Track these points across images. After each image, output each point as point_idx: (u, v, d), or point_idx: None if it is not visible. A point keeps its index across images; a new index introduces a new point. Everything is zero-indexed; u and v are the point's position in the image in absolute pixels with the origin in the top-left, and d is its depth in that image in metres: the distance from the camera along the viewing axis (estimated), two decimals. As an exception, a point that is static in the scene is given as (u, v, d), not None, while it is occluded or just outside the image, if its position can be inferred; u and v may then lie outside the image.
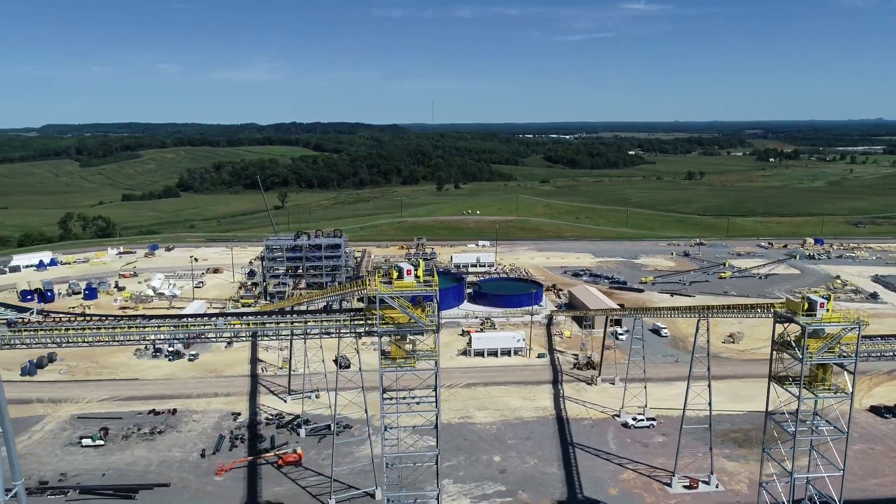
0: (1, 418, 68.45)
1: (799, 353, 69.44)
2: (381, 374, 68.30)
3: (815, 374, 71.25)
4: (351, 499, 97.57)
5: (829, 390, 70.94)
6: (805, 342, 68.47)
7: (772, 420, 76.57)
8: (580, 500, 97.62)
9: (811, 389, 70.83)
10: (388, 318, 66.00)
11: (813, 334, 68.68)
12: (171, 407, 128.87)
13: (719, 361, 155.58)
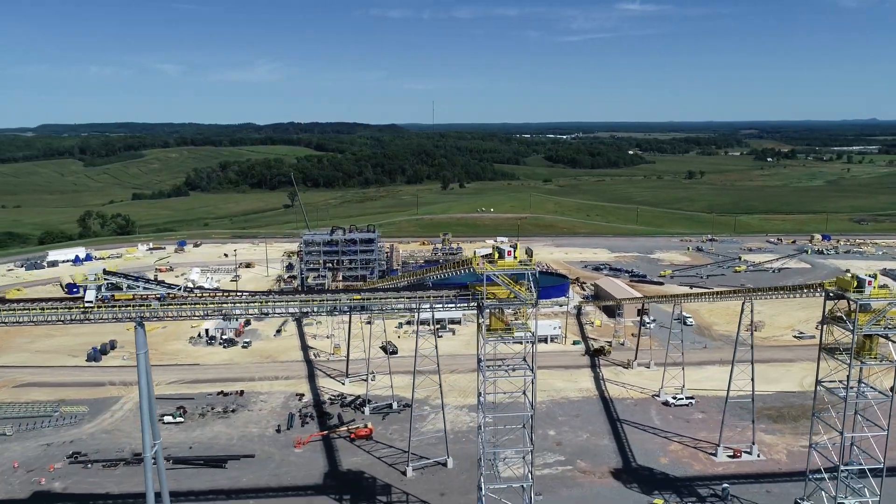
0: (143, 387, 76.53)
1: (850, 325, 78.26)
2: (484, 344, 76.98)
3: (862, 344, 80.00)
4: (425, 467, 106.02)
5: (874, 359, 79.73)
6: (855, 316, 77.26)
7: (822, 387, 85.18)
8: (634, 468, 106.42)
9: (859, 358, 79.61)
10: (490, 293, 74.69)
11: (862, 308, 77.46)
12: (237, 389, 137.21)
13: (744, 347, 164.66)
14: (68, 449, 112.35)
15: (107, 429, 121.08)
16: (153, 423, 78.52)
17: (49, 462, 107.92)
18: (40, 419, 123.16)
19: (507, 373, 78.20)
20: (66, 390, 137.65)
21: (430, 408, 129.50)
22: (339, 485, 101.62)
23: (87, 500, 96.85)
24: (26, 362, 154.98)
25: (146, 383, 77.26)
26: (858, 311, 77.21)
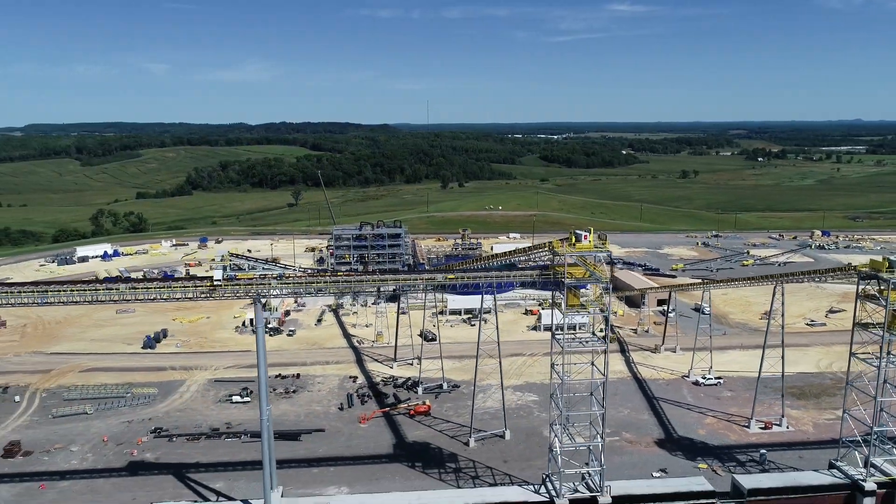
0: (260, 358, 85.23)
1: (882, 302, 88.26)
2: (564, 318, 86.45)
3: (893, 318, 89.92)
4: (485, 438, 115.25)
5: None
6: (888, 293, 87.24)
7: (855, 358, 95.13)
8: (676, 438, 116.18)
9: (891, 331, 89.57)
10: (568, 273, 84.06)
11: (894, 287, 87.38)
12: (294, 372, 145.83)
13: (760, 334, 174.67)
14: (149, 425, 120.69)
15: (179, 408, 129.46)
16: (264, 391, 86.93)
17: (133, 437, 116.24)
18: (115, 399, 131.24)
19: (582, 344, 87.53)
20: (131, 374, 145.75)
21: (478, 388, 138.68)
22: (408, 454, 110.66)
23: (179, 469, 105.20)
24: (84, 350, 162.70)
25: (263, 355, 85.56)
26: (890, 289, 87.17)
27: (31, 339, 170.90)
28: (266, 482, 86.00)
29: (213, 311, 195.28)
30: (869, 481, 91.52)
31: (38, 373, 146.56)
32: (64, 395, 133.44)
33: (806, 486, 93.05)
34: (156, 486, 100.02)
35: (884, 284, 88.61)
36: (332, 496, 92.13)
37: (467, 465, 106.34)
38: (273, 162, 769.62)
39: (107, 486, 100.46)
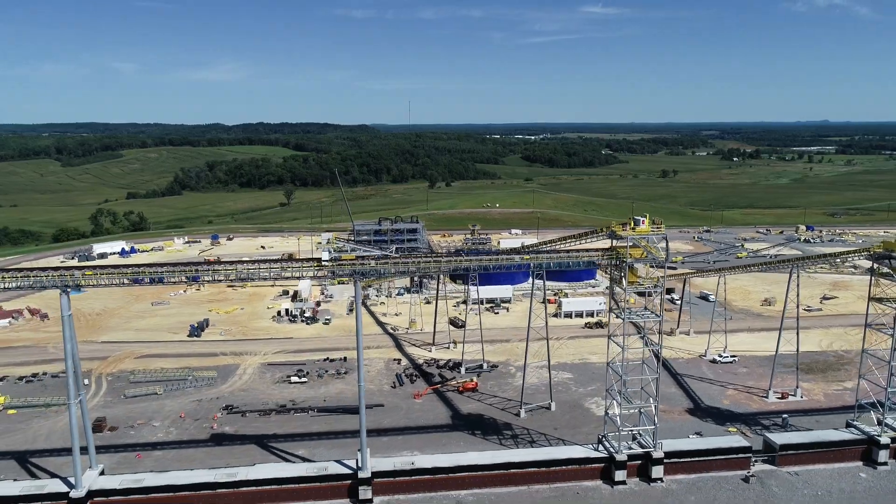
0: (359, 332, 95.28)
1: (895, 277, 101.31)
2: (626, 293, 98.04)
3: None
4: (533, 410, 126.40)
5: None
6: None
7: (870, 328, 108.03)
8: (704, 408, 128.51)
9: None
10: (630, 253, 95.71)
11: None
12: (340, 356, 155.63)
13: (763, 319, 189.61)
14: (219, 403, 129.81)
15: (242, 388, 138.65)
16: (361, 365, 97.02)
17: (208, 413, 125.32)
18: (179, 382, 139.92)
19: (638, 316, 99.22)
20: (186, 360, 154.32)
21: (514, 368, 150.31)
22: (466, 424, 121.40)
23: (260, 440, 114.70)
24: (133, 339, 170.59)
25: (360, 329, 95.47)
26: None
27: (78, 330, 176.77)
28: (363, 441, 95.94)
29: (246, 302, 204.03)
30: (884, 436, 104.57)
31: (97, 359, 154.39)
32: (130, 378, 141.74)
33: (829, 442, 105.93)
34: (242, 454, 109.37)
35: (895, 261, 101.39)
36: (414, 456, 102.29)
37: (522, 432, 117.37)
38: (261, 162, 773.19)
39: (198, 454, 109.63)
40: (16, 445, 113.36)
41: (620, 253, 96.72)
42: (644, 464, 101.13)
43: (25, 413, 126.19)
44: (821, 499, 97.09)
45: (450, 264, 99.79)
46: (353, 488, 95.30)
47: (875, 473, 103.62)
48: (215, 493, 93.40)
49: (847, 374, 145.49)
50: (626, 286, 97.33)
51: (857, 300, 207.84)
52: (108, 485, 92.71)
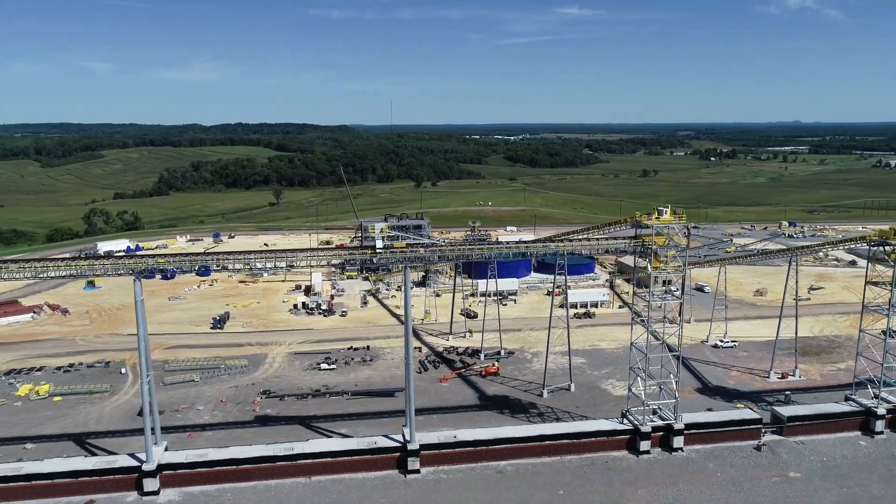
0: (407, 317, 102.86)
1: (891, 262, 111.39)
2: (651, 276, 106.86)
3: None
4: (554, 391, 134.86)
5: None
6: (895, 256, 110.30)
7: (867, 309, 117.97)
8: (711, 387, 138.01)
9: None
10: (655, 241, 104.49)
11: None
12: (363, 345, 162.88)
13: (756, 308, 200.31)
14: (255, 389, 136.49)
15: (274, 375, 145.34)
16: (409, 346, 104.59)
17: (247, 398, 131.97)
18: (212, 370, 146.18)
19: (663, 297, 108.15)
20: (214, 350, 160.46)
21: (530, 354, 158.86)
22: (493, 404, 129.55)
23: (302, 420, 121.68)
24: (157, 331, 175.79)
25: (409, 314, 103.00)
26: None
27: (101, 324, 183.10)
28: (411, 416, 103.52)
29: (261, 297, 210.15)
30: (880, 408, 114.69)
31: (127, 350, 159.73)
32: (165, 367, 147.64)
33: (831, 414, 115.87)
34: (288, 432, 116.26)
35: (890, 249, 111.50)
36: (456, 430, 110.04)
37: (547, 411, 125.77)
38: (246, 162, 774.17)
39: (246, 433, 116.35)
40: (69, 429, 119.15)
41: (646, 240, 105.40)
42: (666, 435, 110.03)
43: (70, 400, 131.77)
44: (826, 464, 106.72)
45: (490, 251, 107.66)
46: (402, 460, 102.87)
47: (873, 441, 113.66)
48: (275, 466, 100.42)
49: (839, 357, 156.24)
50: (652, 271, 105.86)
51: (841, 290, 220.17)
52: (174, 459, 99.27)
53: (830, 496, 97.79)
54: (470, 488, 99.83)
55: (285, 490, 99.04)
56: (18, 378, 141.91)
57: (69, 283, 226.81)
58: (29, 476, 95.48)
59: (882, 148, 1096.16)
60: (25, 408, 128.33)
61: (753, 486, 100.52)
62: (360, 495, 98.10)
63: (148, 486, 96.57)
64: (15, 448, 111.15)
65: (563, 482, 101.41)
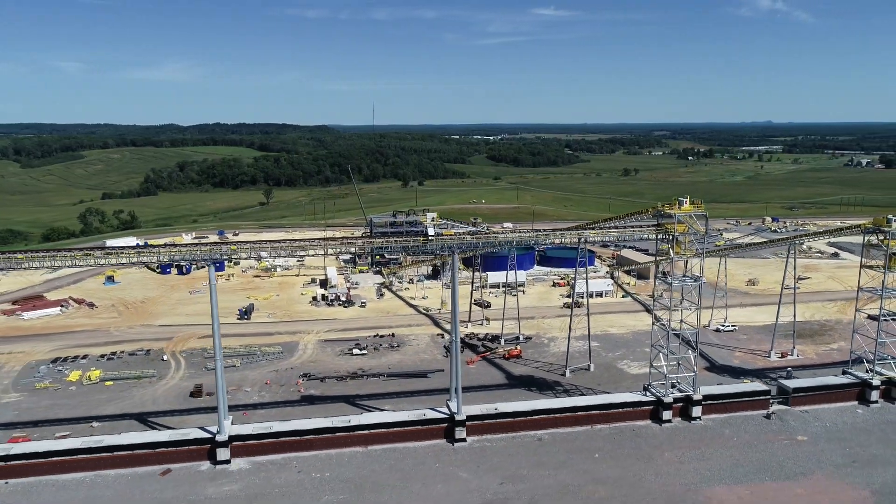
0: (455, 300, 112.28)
1: (883, 248, 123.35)
2: (672, 260, 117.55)
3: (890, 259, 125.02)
4: (575, 370, 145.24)
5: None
6: (888, 242, 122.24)
7: (863, 291, 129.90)
8: (719, 366, 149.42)
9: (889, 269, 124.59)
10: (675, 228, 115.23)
11: (891, 236, 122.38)
12: (389, 332, 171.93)
13: (750, 296, 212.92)
14: (295, 372, 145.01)
15: (310, 360, 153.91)
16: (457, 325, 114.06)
17: (289, 380, 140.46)
18: (250, 356, 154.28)
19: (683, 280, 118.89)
20: (245, 339, 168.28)
21: (547, 339, 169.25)
22: (520, 382, 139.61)
23: (346, 399, 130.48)
24: (186, 322, 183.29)
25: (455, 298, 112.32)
26: (891, 238, 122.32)
27: (130, 316, 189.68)
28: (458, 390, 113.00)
29: (278, 290, 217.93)
30: (875, 379, 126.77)
31: (162, 339, 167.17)
32: (204, 354, 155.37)
33: (832, 385, 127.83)
34: (336, 409, 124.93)
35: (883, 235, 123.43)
36: (496, 403, 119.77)
37: (571, 387, 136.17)
38: (233, 162, 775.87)
39: (295, 411, 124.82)
40: (128, 409, 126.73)
41: (668, 228, 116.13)
42: (685, 406, 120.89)
43: (121, 384, 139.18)
44: (829, 429, 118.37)
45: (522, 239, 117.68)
46: (450, 430, 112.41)
47: (869, 410, 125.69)
48: (334, 437, 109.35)
49: (831, 338, 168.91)
50: (674, 256, 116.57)
51: (826, 280, 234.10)
52: (243, 431, 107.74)
53: (835, 455, 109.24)
54: (513, 454, 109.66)
55: (345, 458, 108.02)
56: (66, 365, 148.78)
57: (88, 279, 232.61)
58: (111, 447, 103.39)
59: (852, 147, 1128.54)
60: (80, 391, 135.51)
61: (766, 447, 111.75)
62: (414, 461, 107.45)
63: (220, 456, 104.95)
64: (82, 427, 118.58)
65: (597, 447, 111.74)
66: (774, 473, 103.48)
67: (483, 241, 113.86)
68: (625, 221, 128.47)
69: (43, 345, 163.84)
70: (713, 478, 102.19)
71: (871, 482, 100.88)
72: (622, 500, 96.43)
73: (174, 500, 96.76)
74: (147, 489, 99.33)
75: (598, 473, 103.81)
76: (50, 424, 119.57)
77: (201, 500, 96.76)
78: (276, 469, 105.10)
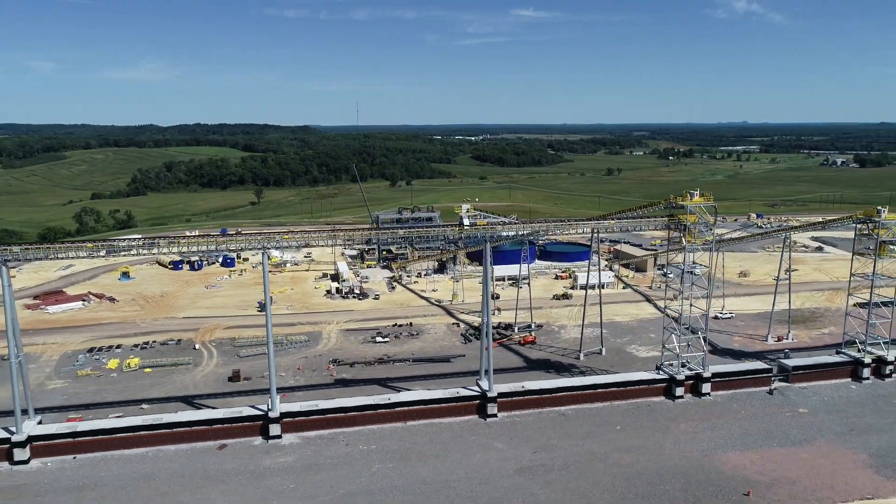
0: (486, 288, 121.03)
1: (874, 237, 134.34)
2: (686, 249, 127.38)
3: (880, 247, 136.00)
4: (588, 353, 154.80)
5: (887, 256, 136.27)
6: (878, 231, 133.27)
7: (855, 276, 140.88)
8: (720, 349, 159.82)
9: (879, 256, 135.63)
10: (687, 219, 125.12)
11: (881, 226, 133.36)
12: (407, 321, 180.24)
13: (742, 286, 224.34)
14: (324, 358, 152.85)
15: (335, 347, 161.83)
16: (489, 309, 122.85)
17: (318, 366, 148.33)
18: (277, 344, 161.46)
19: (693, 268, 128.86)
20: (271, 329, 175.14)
21: (557, 327, 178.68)
22: (538, 365, 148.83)
23: (379, 381, 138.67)
24: (209, 314, 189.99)
25: (487, 286, 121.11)
26: (881, 227, 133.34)
27: (152, 309, 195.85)
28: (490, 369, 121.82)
29: (291, 284, 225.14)
30: (867, 358, 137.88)
31: (189, 330, 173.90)
32: (234, 342, 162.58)
33: (828, 364, 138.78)
34: (369, 391, 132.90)
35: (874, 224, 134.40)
36: (522, 382, 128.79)
37: (586, 369, 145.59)
38: (220, 163, 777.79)
39: (332, 392, 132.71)
40: (172, 392, 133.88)
41: (681, 217, 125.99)
42: (695, 383, 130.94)
43: (159, 371, 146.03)
44: (827, 402, 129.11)
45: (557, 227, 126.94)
46: (481, 406, 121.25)
47: (861, 385, 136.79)
48: (376, 413, 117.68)
49: (822, 324, 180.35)
50: (686, 244, 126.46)
51: (812, 271, 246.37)
52: (291, 408, 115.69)
53: (834, 425, 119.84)
54: (542, 427, 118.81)
55: (387, 433, 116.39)
56: (101, 354, 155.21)
57: (102, 275, 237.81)
58: (170, 424, 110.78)
59: (827, 147, 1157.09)
60: (122, 378, 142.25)
61: (771, 418, 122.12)
62: (452, 434, 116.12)
63: (273, 431, 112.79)
64: (132, 408, 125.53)
65: (617, 421, 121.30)
66: (780, 440, 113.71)
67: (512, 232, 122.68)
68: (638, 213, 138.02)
69: (74, 336, 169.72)
70: (726, 445, 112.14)
71: (868, 447, 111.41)
72: (645, 465, 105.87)
73: (234, 470, 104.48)
74: (207, 462, 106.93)
75: (621, 443, 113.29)
76: (101, 407, 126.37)
77: (260, 470, 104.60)
78: (325, 443, 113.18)
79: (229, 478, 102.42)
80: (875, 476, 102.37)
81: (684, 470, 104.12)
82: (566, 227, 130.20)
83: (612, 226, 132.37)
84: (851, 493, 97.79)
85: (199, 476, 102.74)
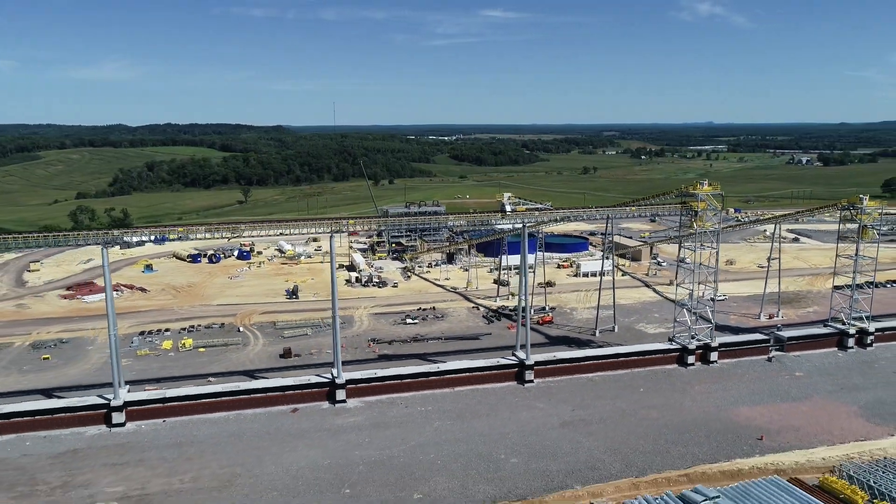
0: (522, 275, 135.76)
1: (857, 221, 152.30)
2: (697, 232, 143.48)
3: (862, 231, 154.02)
4: (603, 330, 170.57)
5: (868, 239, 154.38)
6: (860, 216, 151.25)
7: (840, 257, 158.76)
8: (719, 327, 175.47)
9: (861, 240, 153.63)
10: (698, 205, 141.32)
11: (863, 212, 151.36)
12: (430, 306, 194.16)
13: (730, 273, 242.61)
14: (361, 338, 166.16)
15: (369, 329, 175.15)
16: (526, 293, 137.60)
17: (359, 344, 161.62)
18: (314, 327, 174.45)
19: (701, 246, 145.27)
20: (303, 314, 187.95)
21: (568, 309, 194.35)
22: (558, 341, 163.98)
23: (418, 355, 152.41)
24: (241, 301, 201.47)
25: (524, 269, 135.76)
26: (862, 213, 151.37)
27: (185, 298, 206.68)
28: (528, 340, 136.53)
29: (309, 275, 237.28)
30: (851, 329, 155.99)
31: (227, 316, 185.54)
32: (275, 325, 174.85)
33: (818, 335, 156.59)
34: (412, 363, 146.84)
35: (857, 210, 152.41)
36: (553, 353, 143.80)
37: (604, 343, 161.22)
38: (202, 162, 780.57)
39: (378, 366, 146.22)
40: (232, 368, 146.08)
41: (692, 204, 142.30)
42: (704, 352, 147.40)
43: (212, 350, 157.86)
44: (818, 367, 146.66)
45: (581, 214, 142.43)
46: (520, 373, 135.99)
47: (847, 354, 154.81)
48: (428, 380, 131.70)
49: (807, 304, 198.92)
50: (697, 228, 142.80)
51: (792, 260, 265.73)
52: (353, 376, 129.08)
53: (826, 385, 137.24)
54: (574, 391, 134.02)
55: (439, 397, 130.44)
56: (153, 337, 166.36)
57: (124, 268, 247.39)
58: (248, 391, 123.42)
59: (792, 147, 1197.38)
60: (180, 356, 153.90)
61: (772, 380, 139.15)
62: (495, 398, 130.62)
63: (339, 396, 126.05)
64: (199, 382, 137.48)
65: (640, 384, 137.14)
66: (783, 397, 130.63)
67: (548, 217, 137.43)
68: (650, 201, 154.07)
69: (120, 322, 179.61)
70: (737, 401, 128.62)
71: (857, 401, 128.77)
72: (670, 419, 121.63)
73: (311, 429, 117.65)
74: (285, 423, 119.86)
75: (646, 402, 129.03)
76: (170, 381, 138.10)
77: (335, 428, 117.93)
78: (386, 406, 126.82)
79: (308, 434, 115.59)
80: (866, 423, 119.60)
81: (704, 421, 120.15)
82: (590, 213, 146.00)
83: (633, 212, 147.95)
84: (847, 437, 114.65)
85: (281, 433, 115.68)
